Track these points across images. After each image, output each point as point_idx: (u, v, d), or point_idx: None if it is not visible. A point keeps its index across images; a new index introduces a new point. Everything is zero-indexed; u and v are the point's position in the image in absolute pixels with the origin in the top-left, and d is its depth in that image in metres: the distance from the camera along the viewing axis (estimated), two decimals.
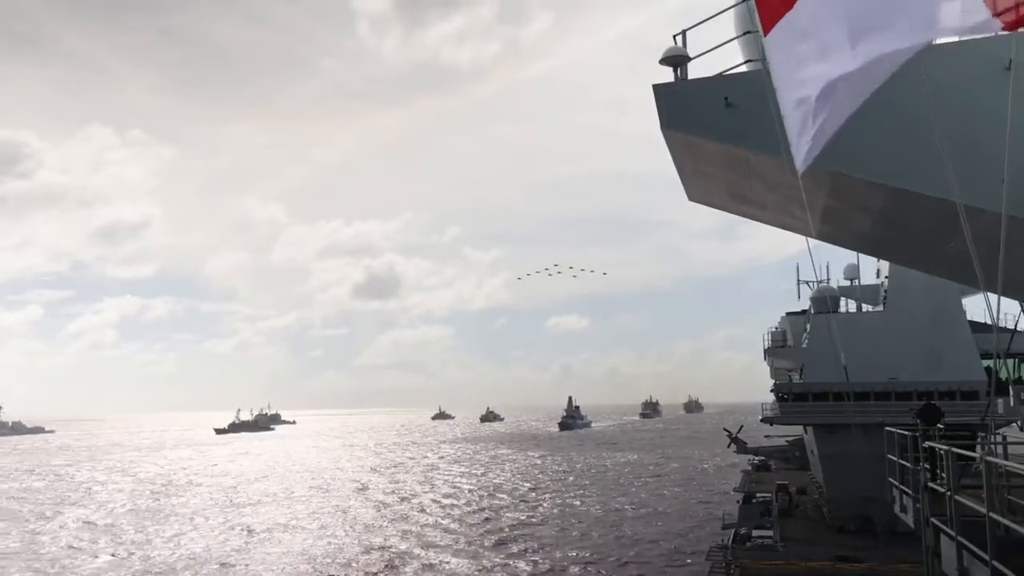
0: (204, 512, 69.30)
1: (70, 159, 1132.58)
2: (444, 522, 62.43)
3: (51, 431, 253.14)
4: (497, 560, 47.71)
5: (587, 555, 48.98)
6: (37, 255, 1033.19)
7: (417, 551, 50.52)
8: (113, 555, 50.72)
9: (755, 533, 38.45)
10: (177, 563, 47.78)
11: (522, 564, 46.63)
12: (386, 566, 46.42)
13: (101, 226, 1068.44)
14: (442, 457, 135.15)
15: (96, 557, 50.16)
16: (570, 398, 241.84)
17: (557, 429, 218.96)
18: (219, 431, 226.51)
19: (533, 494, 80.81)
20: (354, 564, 46.96)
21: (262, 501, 76.89)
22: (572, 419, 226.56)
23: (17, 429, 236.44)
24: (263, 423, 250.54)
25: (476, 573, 44.80)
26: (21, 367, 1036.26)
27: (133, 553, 51.16)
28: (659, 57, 11.62)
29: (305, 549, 51.56)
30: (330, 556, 49.27)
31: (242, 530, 59.39)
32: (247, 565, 47.06)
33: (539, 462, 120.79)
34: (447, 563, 47.04)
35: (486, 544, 52.87)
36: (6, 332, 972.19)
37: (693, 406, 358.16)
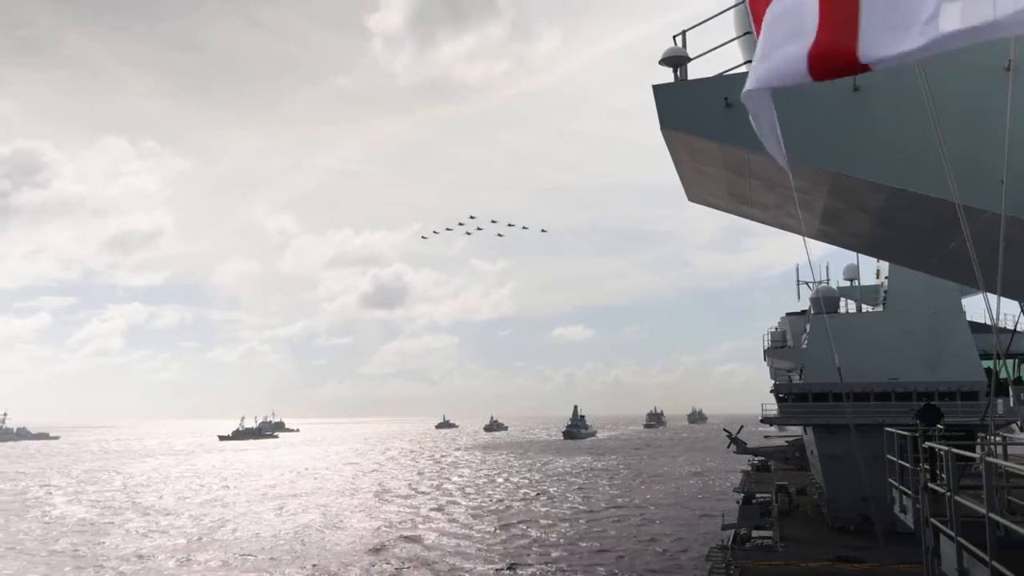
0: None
1: (85, 169, 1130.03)
2: (457, 523, 62.54)
3: (55, 437, 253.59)
4: (502, 556, 47.75)
5: (588, 554, 48.99)
6: (49, 262, 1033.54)
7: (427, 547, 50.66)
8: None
9: (755, 533, 38.42)
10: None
11: (524, 561, 46.65)
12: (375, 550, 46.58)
13: (113, 235, 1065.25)
14: (456, 463, 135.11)
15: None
16: (575, 407, 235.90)
17: (561, 438, 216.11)
18: (223, 438, 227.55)
19: (536, 496, 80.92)
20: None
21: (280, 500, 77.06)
22: (577, 428, 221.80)
23: (22, 435, 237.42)
24: (267, 431, 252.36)
25: (478, 567, 44.85)
26: (28, 374, 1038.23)
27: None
28: (661, 56, 11.62)
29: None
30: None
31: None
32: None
33: (546, 467, 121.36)
34: (457, 554, 47.13)
35: (494, 541, 52.97)
36: (14, 339, 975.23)
37: (697, 416, 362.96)
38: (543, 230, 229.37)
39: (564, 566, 46.14)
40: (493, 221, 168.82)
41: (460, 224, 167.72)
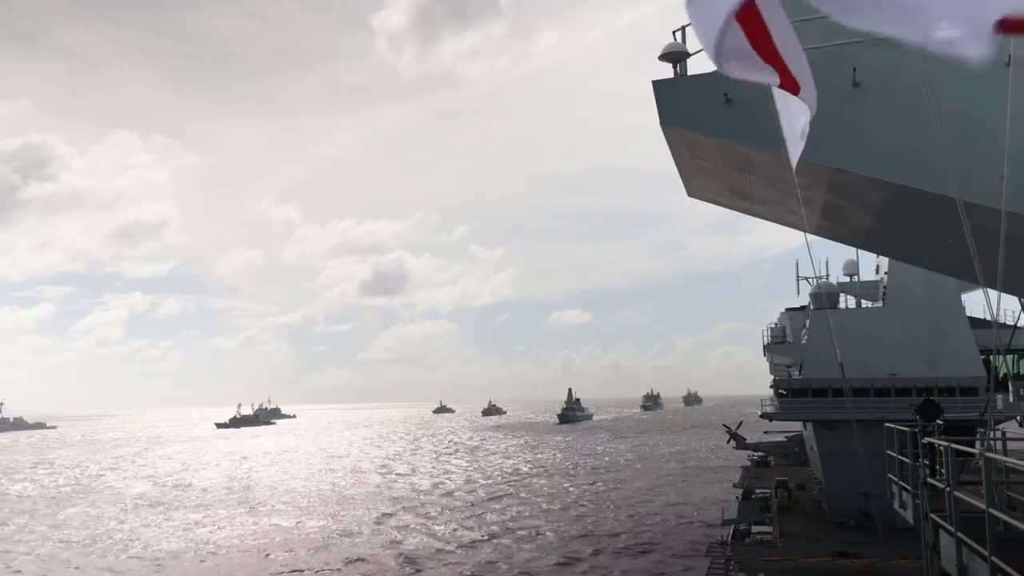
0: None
1: (94, 162, 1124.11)
2: (443, 514, 62.58)
3: (52, 427, 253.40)
4: (496, 548, 47.79)
5: (586, 550, 49.00)
6: (56, 255, 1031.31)
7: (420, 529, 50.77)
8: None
9: (754, 529, 38.49)
10: None
11: (520, 556, 46.70)
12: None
13: (119, 226, 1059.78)
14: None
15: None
16: (570, 390, 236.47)
17: (556, 421, 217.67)
18: (219, 425, 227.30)
19: (526, 482, 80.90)
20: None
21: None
22: (572, 411, 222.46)
23: (18, 425, 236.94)
24: (263, 417, 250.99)
25: (475, 558, 44.89)
26: (31, 364, 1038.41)
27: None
28: (661, 52, 11.60)
29: None
30: None
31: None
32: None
33: (542, 454, 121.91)
34: (454, 541, 47.23)
35: (476, 533, 53.01)
36: (17, 329, 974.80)
37: (692, 399, 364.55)
38: None
39: (562, 563, 46.18)
40: None
41: None
